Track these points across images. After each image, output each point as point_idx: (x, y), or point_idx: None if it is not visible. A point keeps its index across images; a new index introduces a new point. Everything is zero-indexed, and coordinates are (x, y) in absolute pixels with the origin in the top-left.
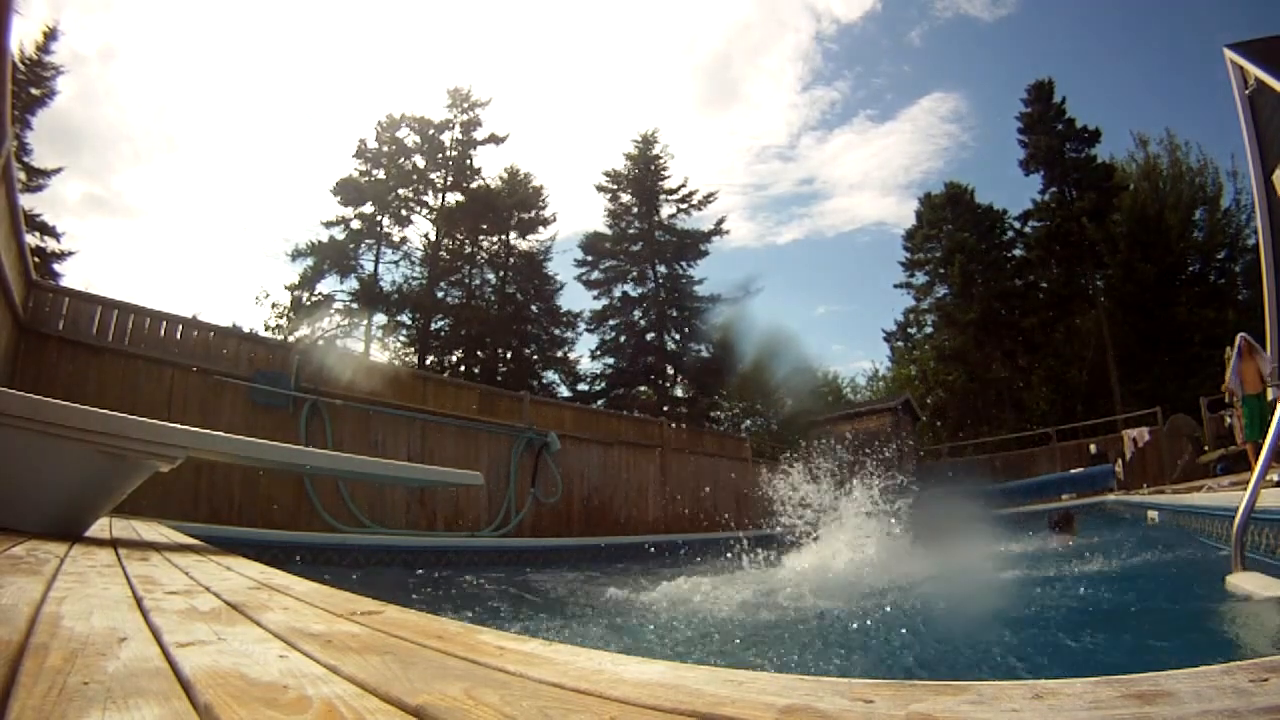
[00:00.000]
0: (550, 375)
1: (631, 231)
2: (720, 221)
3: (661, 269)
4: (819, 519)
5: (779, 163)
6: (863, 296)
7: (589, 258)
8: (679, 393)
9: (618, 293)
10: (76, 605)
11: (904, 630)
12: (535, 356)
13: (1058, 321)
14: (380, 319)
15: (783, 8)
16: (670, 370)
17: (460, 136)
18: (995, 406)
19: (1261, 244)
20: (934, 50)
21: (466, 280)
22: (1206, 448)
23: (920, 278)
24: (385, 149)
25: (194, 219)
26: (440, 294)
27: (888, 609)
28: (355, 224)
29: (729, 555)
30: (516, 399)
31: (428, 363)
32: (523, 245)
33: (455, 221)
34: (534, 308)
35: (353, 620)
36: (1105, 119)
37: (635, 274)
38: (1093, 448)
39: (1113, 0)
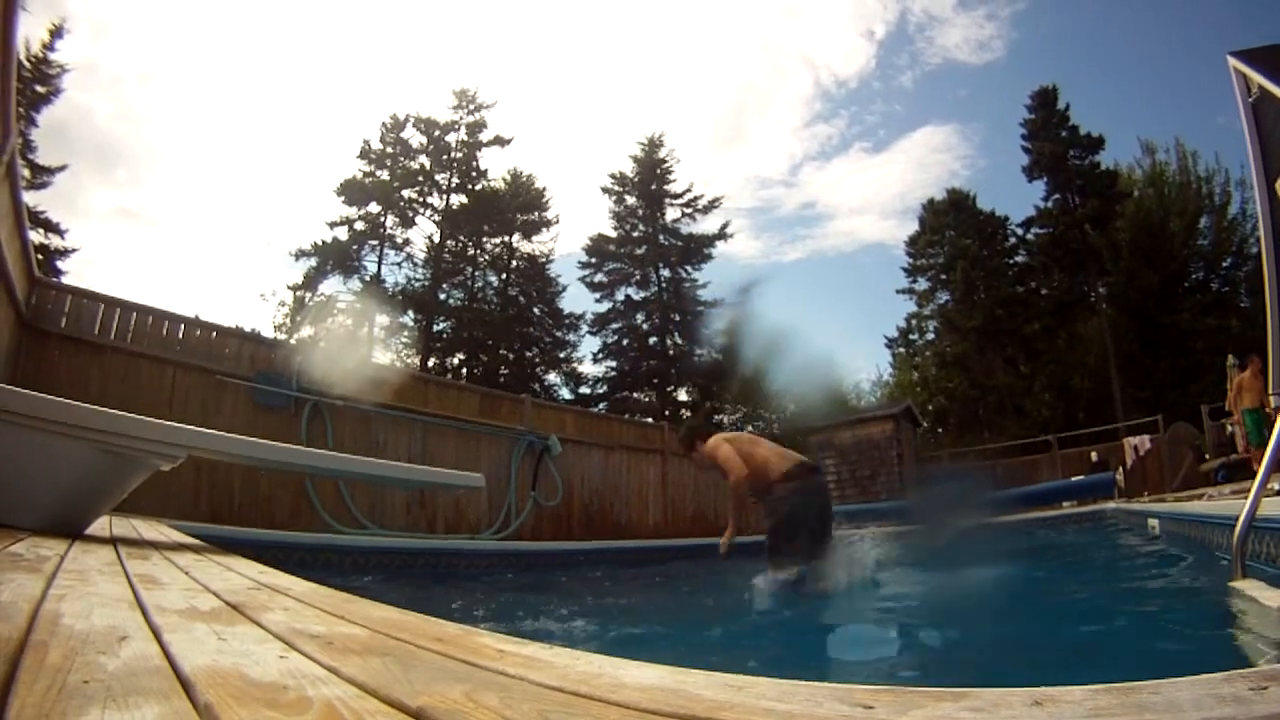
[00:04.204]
0: (552, 378)
1: (636, 234)
2: (724, 226)
3: (665, 272)
4: None
5: (782, 189)
6: (866, 310)
7: (593, 260)
8: (682, 396)
9: (621, 295)
10: (76, 603)
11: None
12: (537, 359)
13: (1060, 328)
14: (383, 320)
15: (785, 64)
16: (673, 374)
17: (466, 138)
18: (997, 413)
19: (1264, 252)
20: (924, 91)
21: (469, 282)
22: (1208, 456)
23: (922, 284)
24: (390, 149)
25: (198, 220)
26: (443, 295)
27: None
28: (359, 225)
29: None
30: (518, 402)
31: (430, 364)
32: (526, 247)
33: (459, 223)
34: (536, 310)
35: (352, 621)
36: (1111, 126)
37: (639, 277)
38: (1094, 455)
39: (1121, 8)
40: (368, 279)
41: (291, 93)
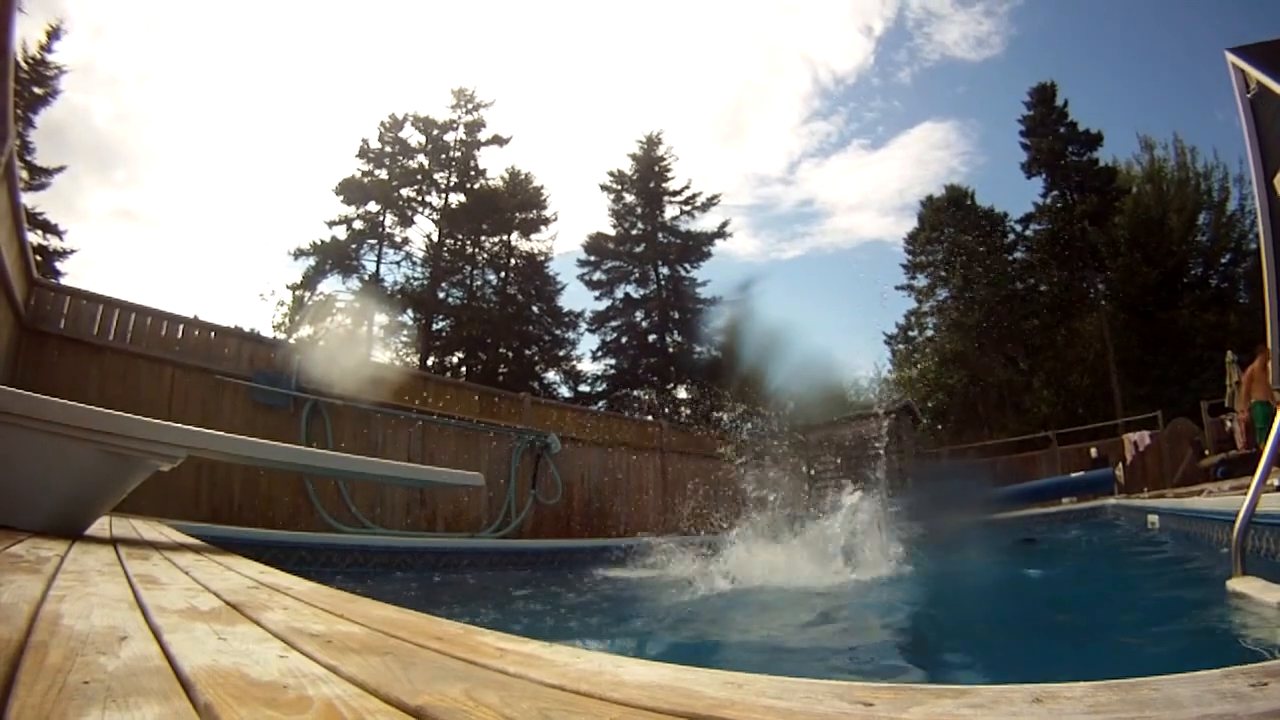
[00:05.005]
0: (551, 376)
1: (635, 232)
2: (724, 224)
3: (664, 270)
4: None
5: (780, 186)
6: (864, 307)
7: (592, 258)
8: (681, 394)
9: (620, 294)
10: (76, 604)
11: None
12: (536, 357)
13: (1059, 324)
14: (382, 319)
15: (783, 61)
16: (672, 371)
17: (464, 137)
18: (996, 409)
19: (1263, 249)
20: (923, 88)
21: (468, 281)
22: (1207, 451)
23: (921, 280)
24: (388, 149)
25: (197, 221)
26: (442, 294)
27: None
28: (358, 224)
29: None
30: (517, 400)
31: (429, 363)
32: (524, 246)
33: (458, 222)
34: (535, 308)
35: (352, 620)
36: (1110, 122)
37: (638, 275)
38: (1093, 451)
39: (1120, 4)
40: (366, 278)
41: (290, 92)
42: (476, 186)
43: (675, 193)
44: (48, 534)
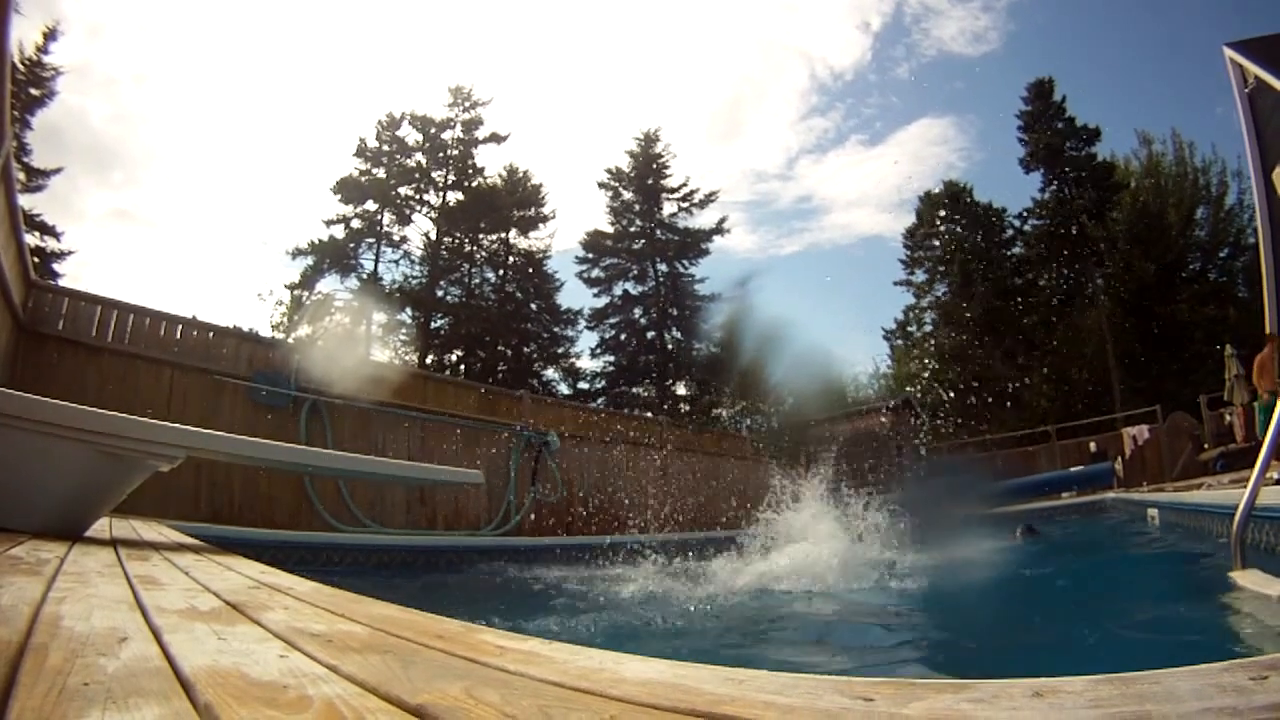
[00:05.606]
0: (550, 373)
1: (633, 229)
2: (721, 221)
3: (662, 267)
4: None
5: (778, 182)
6: (863, 302)
7: (590, 255)
8: (680, 391)
9: (618, 291)
10: (76, 605)
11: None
12: (535, 355)
13: (1058, 319)
14: (380, 318)
15: (781, 57)
16: (671, 368)
17: (462, 135)
18: (995, 404)
19: (1261, 243)
20: (921, 83)
21: (466, 279)
22: (1206, 445)
23: (920, 275)
24: (386, 147)
25: (197, 220)
26: (440, 292)
27: None
28: (356, 223)
29: None
30: (516, 398)
31: (428, 361)
32: (523, 244)
33: (455, 220)
34: (534, 306)
35: (353, 620)
36: (1108, 117)
37: (636, 272)
38: (1093, 446)
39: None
40: (365, 277)
41: (287, 92)
42: (474, 184)
43: (673, 189)
44: (47, 535)
